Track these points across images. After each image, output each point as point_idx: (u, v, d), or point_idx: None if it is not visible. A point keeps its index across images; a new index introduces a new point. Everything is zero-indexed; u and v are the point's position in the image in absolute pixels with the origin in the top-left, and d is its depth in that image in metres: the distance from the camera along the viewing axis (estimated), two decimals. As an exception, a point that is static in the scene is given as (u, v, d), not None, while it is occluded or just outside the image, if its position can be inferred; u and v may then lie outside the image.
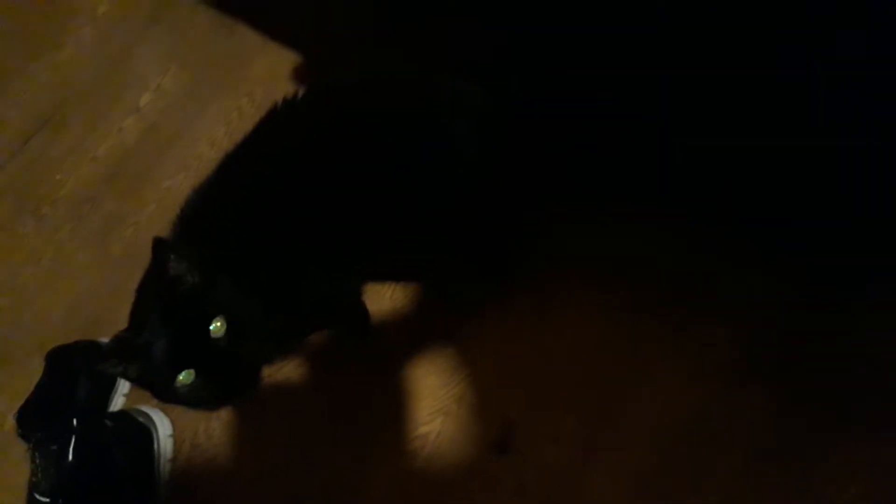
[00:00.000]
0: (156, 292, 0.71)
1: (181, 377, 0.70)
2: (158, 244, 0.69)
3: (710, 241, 0.95)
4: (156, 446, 0.99)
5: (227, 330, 0.70)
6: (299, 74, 1.20)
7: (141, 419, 1.00)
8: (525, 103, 0.94)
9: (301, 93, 0.86)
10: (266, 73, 1.23)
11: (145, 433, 1.00)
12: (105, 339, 1.03)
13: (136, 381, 0.73)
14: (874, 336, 0.89)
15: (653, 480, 0.87)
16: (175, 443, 1.00)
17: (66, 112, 1.30)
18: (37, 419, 0.99)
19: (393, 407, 0.98)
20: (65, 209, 1.22)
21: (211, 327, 0.70)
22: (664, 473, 0.87)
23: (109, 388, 1.04)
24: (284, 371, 1.01)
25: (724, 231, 0.94)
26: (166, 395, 0.71)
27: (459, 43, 1.06)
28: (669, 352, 0.92)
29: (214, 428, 1.00)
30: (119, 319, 0.76)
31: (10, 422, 1.02)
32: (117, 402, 1.04)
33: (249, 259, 0.76)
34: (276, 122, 0.85)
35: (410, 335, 1.01)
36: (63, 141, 1.27)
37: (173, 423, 1.01)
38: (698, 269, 0.95)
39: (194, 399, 0.71)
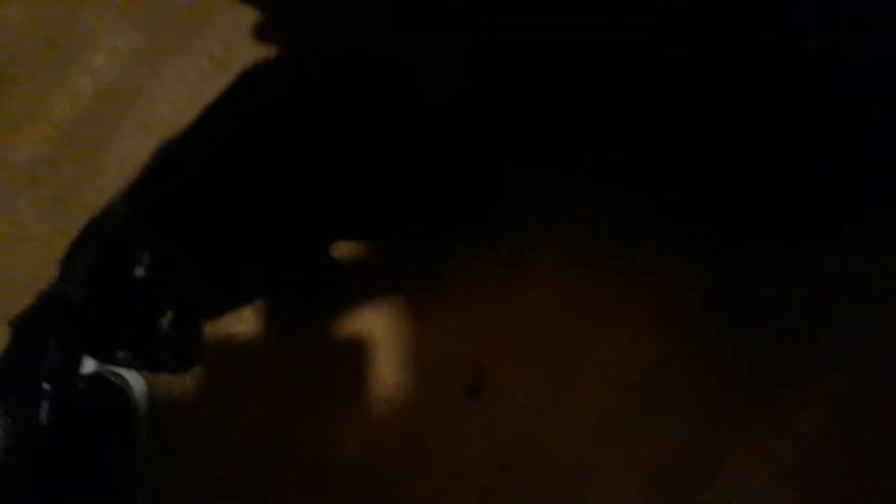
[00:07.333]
0: (106, 263, 0.72)
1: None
2: (113, 211, 0.69)
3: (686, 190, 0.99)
4: (132, 406, 0.99)
5: (174, 319, 0.71)
6: (261, 33, 1.18)
7: (114, 379, 1.00)
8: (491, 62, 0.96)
9: (273, 56, 0.86)
10: (226, 32, 1.20)
11: (120, 393, 0.99)
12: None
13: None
14: (829, 278, 0.95)
15: (616, 420, 0.93)
16: (150, 401, 1.00)
17: (14, 73, 1.25)
18: (6, 388, 0.96)
19: (361, 358, 0.99)
20: (22, 173, 1.18)
21: (160, 322, 0.71)
22: (626, 413, 0.93)
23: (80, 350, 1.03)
24: (242, 327, 1.02)
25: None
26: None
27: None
28: (636, 298, 0.97)
29: (189, 385, 1.01)
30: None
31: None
32: (89, 364, 1.02)
33: (209, 230, 0.77)
34: (246, 86, 0.84)
35: (376, 284, 1.02)
36: (14, 103, 1.23)
37: (147, 381, 1.01)
38: (673, 215, 0.99)
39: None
